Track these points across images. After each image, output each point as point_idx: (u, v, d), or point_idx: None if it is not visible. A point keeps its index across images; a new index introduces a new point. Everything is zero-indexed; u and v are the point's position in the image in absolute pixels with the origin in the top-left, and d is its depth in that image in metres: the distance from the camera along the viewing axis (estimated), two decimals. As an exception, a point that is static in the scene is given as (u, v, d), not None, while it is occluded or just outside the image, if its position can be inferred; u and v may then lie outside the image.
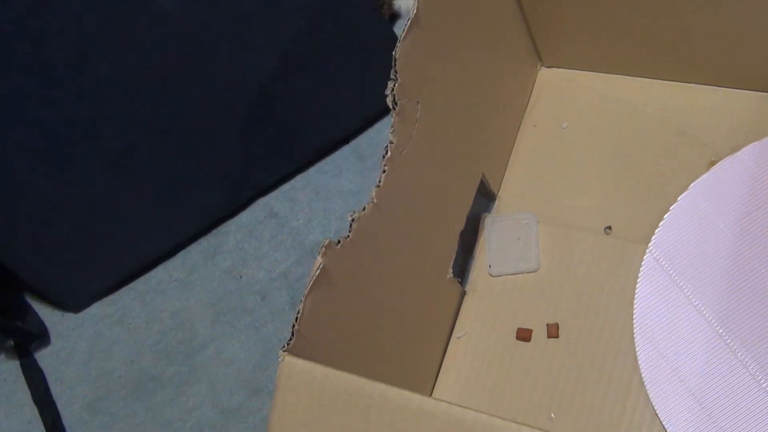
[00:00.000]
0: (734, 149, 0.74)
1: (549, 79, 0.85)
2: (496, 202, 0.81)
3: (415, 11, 0.61)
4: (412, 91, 0.62)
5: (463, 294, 0.77)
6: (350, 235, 0.58)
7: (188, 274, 0.97)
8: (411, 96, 0.62)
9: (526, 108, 0.84)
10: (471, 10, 0.71)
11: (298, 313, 0.54)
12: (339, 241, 0.57)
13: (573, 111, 0.82)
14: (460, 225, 0.74)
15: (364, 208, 0.59)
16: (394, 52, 0.60)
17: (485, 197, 0.81)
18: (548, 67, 0.86)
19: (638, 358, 0.69)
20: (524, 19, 0.80)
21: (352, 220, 0.58)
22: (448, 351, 0.76)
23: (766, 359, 0.66)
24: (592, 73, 0.84)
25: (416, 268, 0.69)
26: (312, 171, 0.99)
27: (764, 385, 0.65)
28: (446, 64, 0.68)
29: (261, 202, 0.99)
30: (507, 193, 0.81)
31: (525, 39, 0.82)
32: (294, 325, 0.53)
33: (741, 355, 0.67)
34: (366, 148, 0.98)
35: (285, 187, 0.99)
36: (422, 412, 0.50)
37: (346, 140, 0.99)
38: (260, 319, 0.91)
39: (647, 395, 0.68)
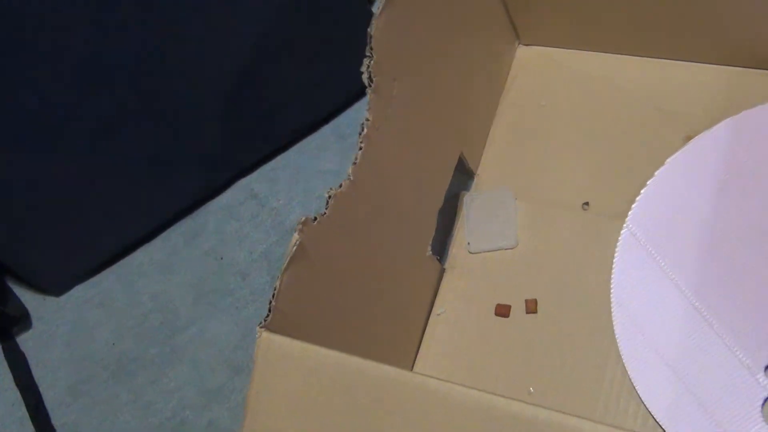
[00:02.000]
0: (710, 124, 0.75)
1: (527, 56, 0.85)
2: (475, 179, 0.81)
3: (390, -13, 0.61)
4: (388, 68, 0.62)
5: (443, 271, 0.78)
6: (327, 211, 0.58)
7: (169, 256, 0.97)
8: (387, 73, 0.62)
9: (504, 86, 0.85)
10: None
11: (275, 289, 0.54)
12: (316, 218, 0.57)
13: (551, 88, 0.83)
14: (438, 202, 0.74)
15: (341, 185, 0.59)
16: (369, 30, 0.60)
17: (464, 175, 0.81)
18: (526, 45, 0.86)
19: (615, 331, 0.70)
20: (501, -3, 0.80)
21: (329, 197, 0.58)
22: (427, 328, 0.76)
23: (742, 331, 0.67)
24: (570, 50, 0.84)
25: (395, 245, 0.70)
26: (292, 151, 0.99)
27: (739, 356, 0.66)
28: (422, 41, 0.68)
29: (241, 183, 0.99)
30: (486, 171, 0.81)
31: (502, 17, 0.82)
32: (271, 302, 0.54)
33: (716, 327, 0.67)
34: (346, 127, 0.98)
35: (265, 168, 0.99)
36: (400, 385, 0.50)
37: (326, 120, 0.99)
38: (241, 300, 0.92)
39: (624, 367, 0.69)
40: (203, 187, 0.98)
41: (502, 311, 0.74)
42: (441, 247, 0.79)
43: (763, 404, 0.64)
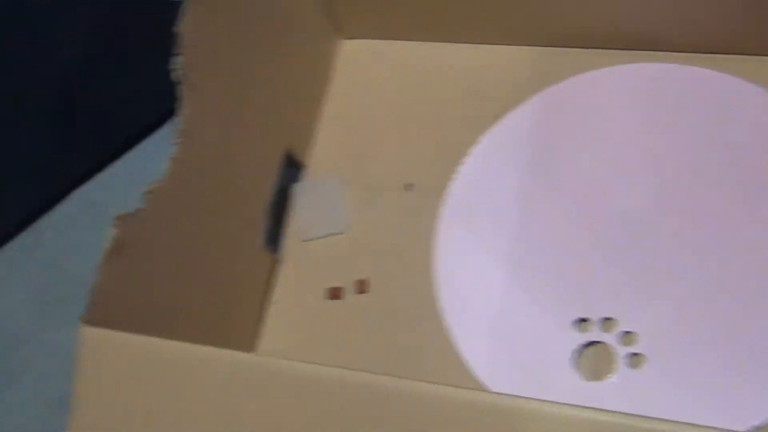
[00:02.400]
0: (520, 102, 0.80)
1: (350, 49, 0.89)
2: (305, 171, 0.84)
3: (192, -14, 0.63)
4: (200, 65, 0.64)
5: (277, 262, 0.80)
6: (145, 206, 0.59)
7: (8, 270, 0.96)
8: (199, 70, 0.64)
9: (329, 79, 0.87)
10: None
11: (93, 284, 0.55)
12: (134, 213, 0.58)
13: (373, 79, 0.86)
14: (267, 195, 0.77)
15: (158, 180, 0.61)
16: (175, 28, 0.62)
17: (294, 168, 0.83)
18: (349, 38, 0.89)
19: (441, 303, 0.74)
20: (318, -7, 0.83)
21: (146, 192, 0.59)
22: (265, 318, 0.78)
23: (553, 292, 0.72)
24: (390, 41, 0.88)
25: (223, 237, 0.71)
26: (129, 156, 0.99)
27: (551, 315, 0.71)
28: (234, 37, 0.70)
29: (78, 193, 0.98)
30: (315, 162, 0.84)
31: (321, 12, 0.85)
32: (90, 296, 0.55)
33: (531, 291, 0.72)
34: (181, 129, 0.99)
35: (103, 175, 0.99)
36: (229, 365, 0.52)
37: (160, 122, 0.99)
38: (84, 308, 0.91)
39: (451, 337, 0.72)
40: (38, 200, 0.97)
41: (335, 294, 0.77)
42: (275, 238, 0.81)
43: (574, 356, 0.69)
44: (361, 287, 0.76)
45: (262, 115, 0.76)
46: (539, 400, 0.45)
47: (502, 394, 0.46)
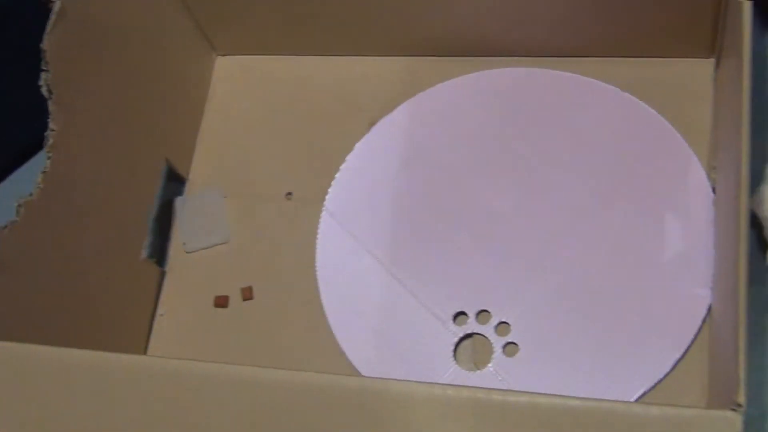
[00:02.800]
0: (390, 109, 0.83)
1: (225, 66, 0.91)
2: (187, 184, 0.85)
3: (59, 4, 0.64)
4: (68, 81, 0.65)
5: (163, 274, 0.81)
6: (18, 220, 0.60)
7: None
8: (67, 86, 0.65)
9: (207, 95, 0.89)
10: (130, 6, 0.76)
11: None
12: (6, 227, 0.59)
13: (250, 93, 0.88)
14: (147, 208, 0.78)
15: (30, 194, 0.61)
16: (42, 45, 0.63)
17: (176, 182, 0.85)
18: (223, 55, 0.91)
19: (324, 306, 0.76)
20: (189, 12, 0.84)
21: (19, 205, 0.60)
22: (153, 330, 0.79)
23: (432, 288, 0.75)
24: (264, 56, 0.90)
25: (104, 250, 0.72)
26: (11, 179, 0.98)
27: (431, 309, 0.74)
28: (106, 54, 0.72)
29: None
30: (196, 175, 0.86)
31: (194, 30, 0.87)
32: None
33: (411, 288, 0.75)
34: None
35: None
36: (110, 367, 0.53)
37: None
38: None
39: (335, 338, 0.75)
40: None
41: (221, 302, 0.78)
42: (160, 251, 0.82)
43: (454, 349, 0.72)
44: (247, 294, 0.78)
45: (140, 131, 0.78)
46: (405, 380, 0.47)
47: (372, 377, 0.49)
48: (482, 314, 0.73)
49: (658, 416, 0.45)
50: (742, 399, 0.45)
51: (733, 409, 0.45)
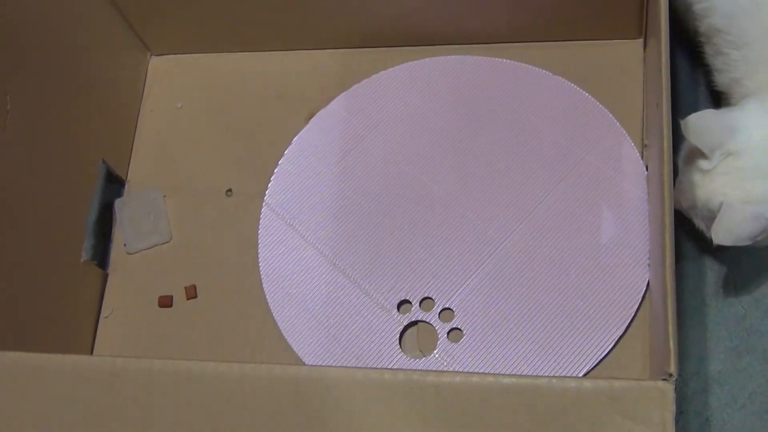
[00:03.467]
0: (327, 102, 0.83)
1: (160, 65, 0.90)
2: (126, 186, 0.85)
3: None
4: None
5: (106, 276, 0.81)
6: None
7: None
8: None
9: (142, 95, 0.89)
10: (58, 9, 0.75)
11: None
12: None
13: (185, 91, 0.88)
14: (85, 210, 0.78)
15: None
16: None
17: (115, 184, 0.84)
18: (157, 55, 0.91)
19: (268, 301, 0.76)
20: (120, 12, 0.84)
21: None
22: (98, 331, 0.79)
23: (375, 277, 0.75)
24: (198, 54, 0.90)
25: (44, 254, 0.72)
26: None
27: (375, 299, 0.74)
28: (38, 56, 0.71)
29: None
30: (135, 176, 0.85)
31: (127, 32, 0.86)
32: None
33: (354, 278, 0.75)
34: None
35: None
36: (56, 368, 0.53)
37: None
38: None
39: (281, 332, 0.75)
40: None
41: (165, 302, 0.78)
42: (102, 253, 0.81)
43: (399, 337, 0.73)
44: (190, 293, 0.78)
45: (74, 133, 0.77)
46: (342, 367, 0.48)
47: (310, 365, 0.49)
48: (426, 301, 0.74)
49: (591, 389, 0.45)
50: (672, 369, 0.46)
51: (665, 379, 0.46)
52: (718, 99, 0.72)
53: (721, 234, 0.62)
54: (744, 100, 0.66)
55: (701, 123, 0.64)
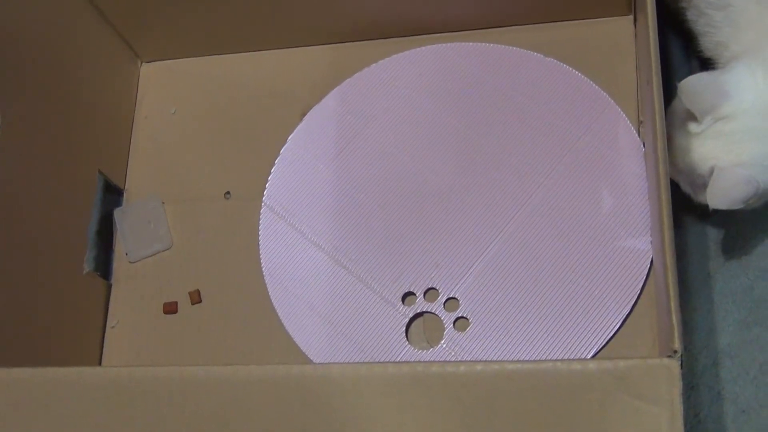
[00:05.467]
0: (321, 98, 0.83)
1: (151, 72, 0.90)
2: (125, 195, 0.85)
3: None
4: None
5: (109, 286, 0.81)
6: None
7: None
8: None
9: (135, 103, 0.88)
10: (46, 23, 0.75)
11: None
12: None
13: (178, 96, 0.88)
14: (85, 221, 0.78)
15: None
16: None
17: (113, 193, 0.84)
18: (148, 62, 0.90)
19: (272, 300, 0.76)
20: (107, 22, 0.84)
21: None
22: (105, 342, 0.79)
23: (378, 271, 0.75)
24: (189, 59, 0.89)
25: (46, 268, 0.72)
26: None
27: (379, 293, 0.74)
28: (28, 71, 0.71)
29: None
30: (133, 185, 0.85)
31: (116, 41, 0.86)
32: None
33: (357, 273, 0.75)
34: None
35: None
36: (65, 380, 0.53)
37: None
38: None
39: (287, 331, 0.75)
40: None
41: (170, 309, 0.78)
42: (105, 264, 0.81)
43: (406, 329, 0.73)
44: (195, 298, 0.78)
45: (69, 145, 0.77)
46: (346, 363, 0.48)
47: (315, 363, 0.49)
48: (430, 292, 0.74)
49: (597, 371, 0.45)
50: (677, 345, 0.46)
51: (669, 356, 0.45)
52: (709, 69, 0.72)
53: (717, 198, 0.62)
54: (732, 63, 0.66)
55: (696, 86, 0.63)
